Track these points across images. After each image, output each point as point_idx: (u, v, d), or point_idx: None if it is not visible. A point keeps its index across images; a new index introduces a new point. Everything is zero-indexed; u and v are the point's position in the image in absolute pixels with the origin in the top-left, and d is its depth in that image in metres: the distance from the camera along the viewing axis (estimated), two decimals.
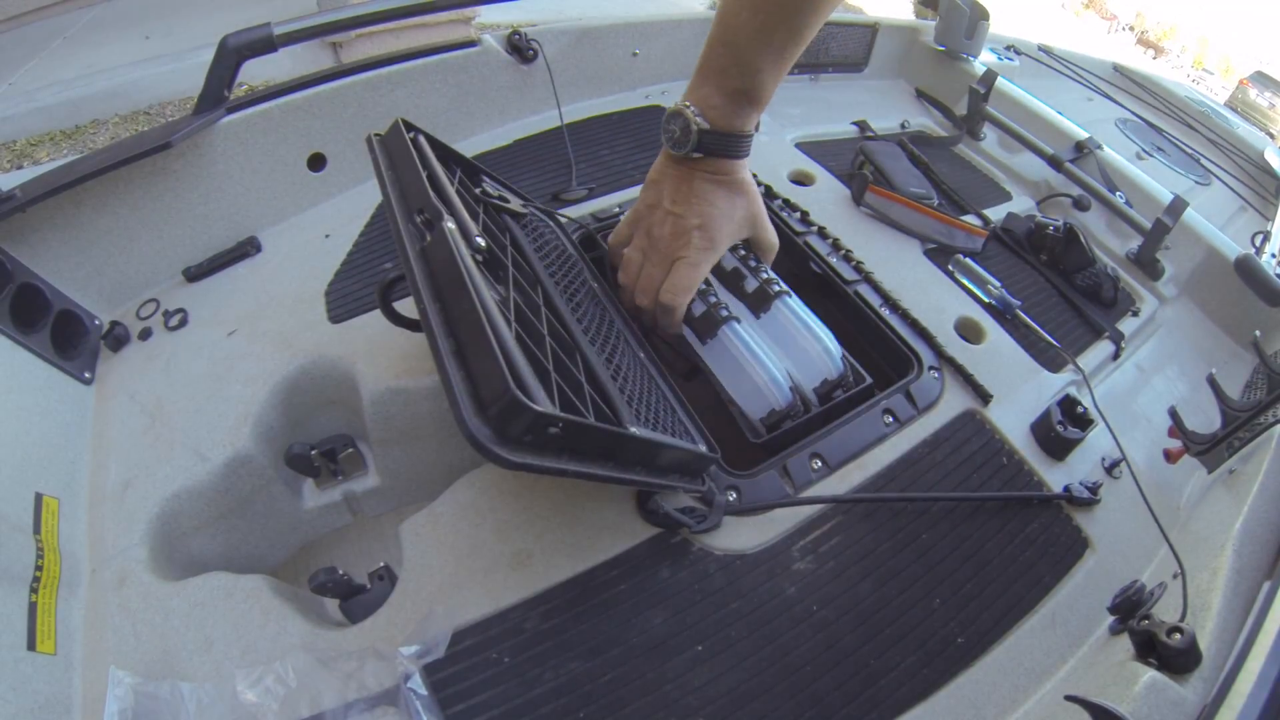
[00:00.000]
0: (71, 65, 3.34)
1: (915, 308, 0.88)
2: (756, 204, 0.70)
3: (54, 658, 0.55)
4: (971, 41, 1.47)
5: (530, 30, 1.14)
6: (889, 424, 0.75)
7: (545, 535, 0.63)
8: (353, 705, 0.52)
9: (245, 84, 2.70)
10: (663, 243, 0.67)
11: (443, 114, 1.09)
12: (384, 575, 0.63)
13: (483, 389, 0.41)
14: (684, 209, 0.66)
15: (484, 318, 0.43)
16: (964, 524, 0.69)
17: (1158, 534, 0.69)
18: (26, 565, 0.57)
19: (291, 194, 0.99)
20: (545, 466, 0.43)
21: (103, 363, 0.81)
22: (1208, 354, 1.05)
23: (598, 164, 1.08)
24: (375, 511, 0.86)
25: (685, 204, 0.66)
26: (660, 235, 0.68)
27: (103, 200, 0.84)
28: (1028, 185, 1.28)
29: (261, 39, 0.88)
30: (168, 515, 0.67)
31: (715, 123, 0.64)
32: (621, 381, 0.62)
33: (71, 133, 3.04)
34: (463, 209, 0.57)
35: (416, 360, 0.77)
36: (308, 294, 0.86)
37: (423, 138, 0.68)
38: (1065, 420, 0.76)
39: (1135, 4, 13.51)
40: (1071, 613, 0.65)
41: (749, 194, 0.69)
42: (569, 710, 0.53)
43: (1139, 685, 0.49)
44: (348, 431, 0.84)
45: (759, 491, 0.67)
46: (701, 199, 0.66)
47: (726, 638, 0.59)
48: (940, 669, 0.59)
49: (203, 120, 0.87)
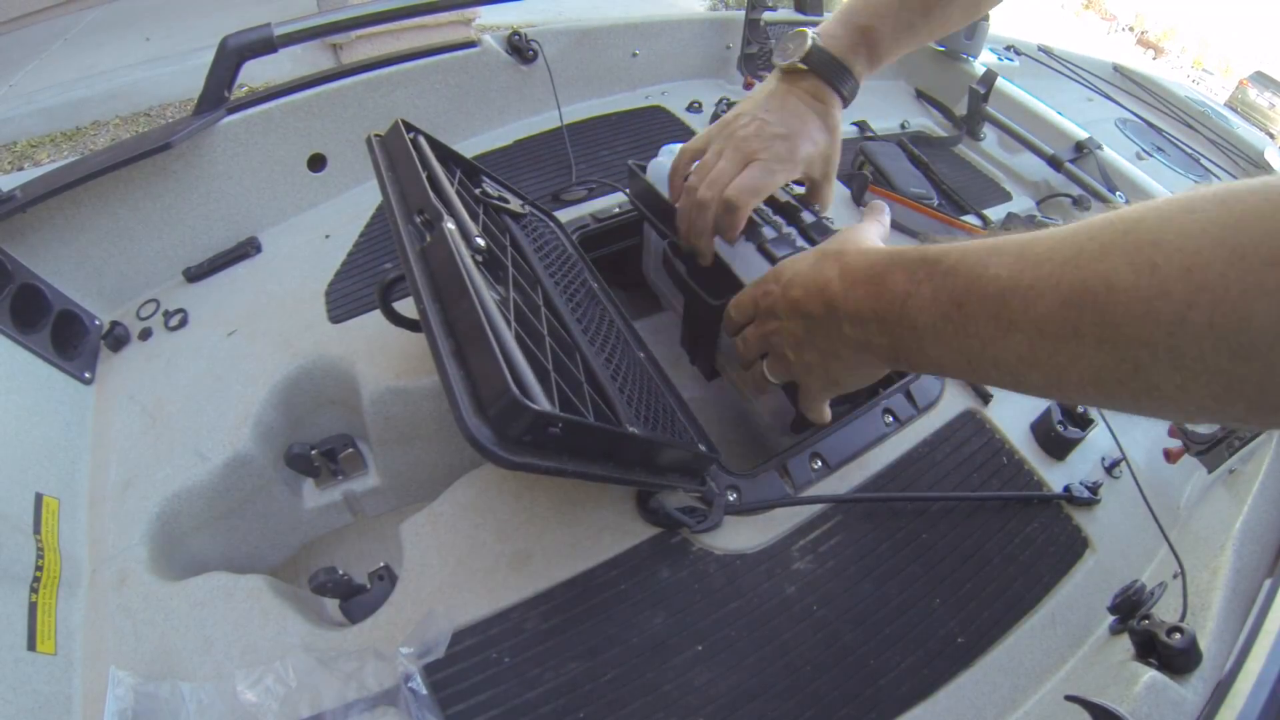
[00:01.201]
0: (72, 67, 3.34)
1: None
2: (837, 147, 0.69)
3: (54, 658, 0.55)
4: (971, 42, 1.47)
5: (530, 31, 1.14)
6: (889, 424, 0.75)
7: (545, 535, 0.63)
8: (353, 705, 0.52)
9: (245, 85, 2.70)
10: (744, 141, 0.64)
11: (443, 114, 1.09)
12: (384, 575, 0.63)
13: (482, 389, 0.41)
14: (774, 116, 0.65)
15: (484, 318, 0.43)
16: (964, 524, 0.68)
17: (1158, 534, 0.69)
18: (26, 565, 0.57)
19: (291, 194, 0.99)
20: (545, 466, 0.43)
21: (103, 363, 0.81)
22: None
23: (598, 164, 1.08)
24: (375, 511, 0.86)
25: (776, 112, 0.65)
26: (743, 134, 0.65)
27: (103, 201, 0.84)
28: (1028, 185, 1.28)
29: (261, 40, 0.88)
30: (168, 515, 0.67)
31: (830, 47, 0.64)
32: (621, 381, 0.62)
33: (72, 134, 3.04)
34: (462, 209, 0.58)
35: (416, 360, 0.77)
36: (308, 294, 0.86)
37: (423, 138, 0.68)
38: (1065, 420, 0.76)
39: (1135, 4, 13.51)
40: (1071, 613, 0.65)
41: (835, 134, 0.67)
42: (569, 710, 0.53)
43: (1139, 685, 0.49)
44: (348, 431, 0.84)
45: (759, 491, 0.67)
46: (793, 113, 0.65)
47: (726, 637, 0.58)
48: (940, 669, 0.59)
49: (203, 121, 0.87)
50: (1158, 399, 0.30)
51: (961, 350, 0.39)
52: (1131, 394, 0.31)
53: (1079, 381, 0.33)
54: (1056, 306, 0.32)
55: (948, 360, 0.41)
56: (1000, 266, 0.36)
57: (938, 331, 0.40)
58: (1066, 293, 0.32)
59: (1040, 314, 0.33)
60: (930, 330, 0.41)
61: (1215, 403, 0.28)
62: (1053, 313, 0.33)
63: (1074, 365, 0.33)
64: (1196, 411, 0.30)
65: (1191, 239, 0.28)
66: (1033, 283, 0.34)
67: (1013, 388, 0.39)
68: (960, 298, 0.38)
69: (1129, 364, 0.30)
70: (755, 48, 1.29)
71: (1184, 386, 0.29)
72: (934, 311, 0.40)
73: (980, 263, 0.38)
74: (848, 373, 0.53)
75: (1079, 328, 0.32)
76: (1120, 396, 0.32)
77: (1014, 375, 0.37)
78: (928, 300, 0.40)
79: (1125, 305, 0.29)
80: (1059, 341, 0.33)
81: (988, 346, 0.37)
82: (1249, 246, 0.26)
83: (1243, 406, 0.28)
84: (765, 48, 1.29)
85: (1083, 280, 0.31)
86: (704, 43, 1.32)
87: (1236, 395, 0.27)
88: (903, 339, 0.43)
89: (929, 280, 0.40)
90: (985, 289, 0.37)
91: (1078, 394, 0.34)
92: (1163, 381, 0.29)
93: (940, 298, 0.39)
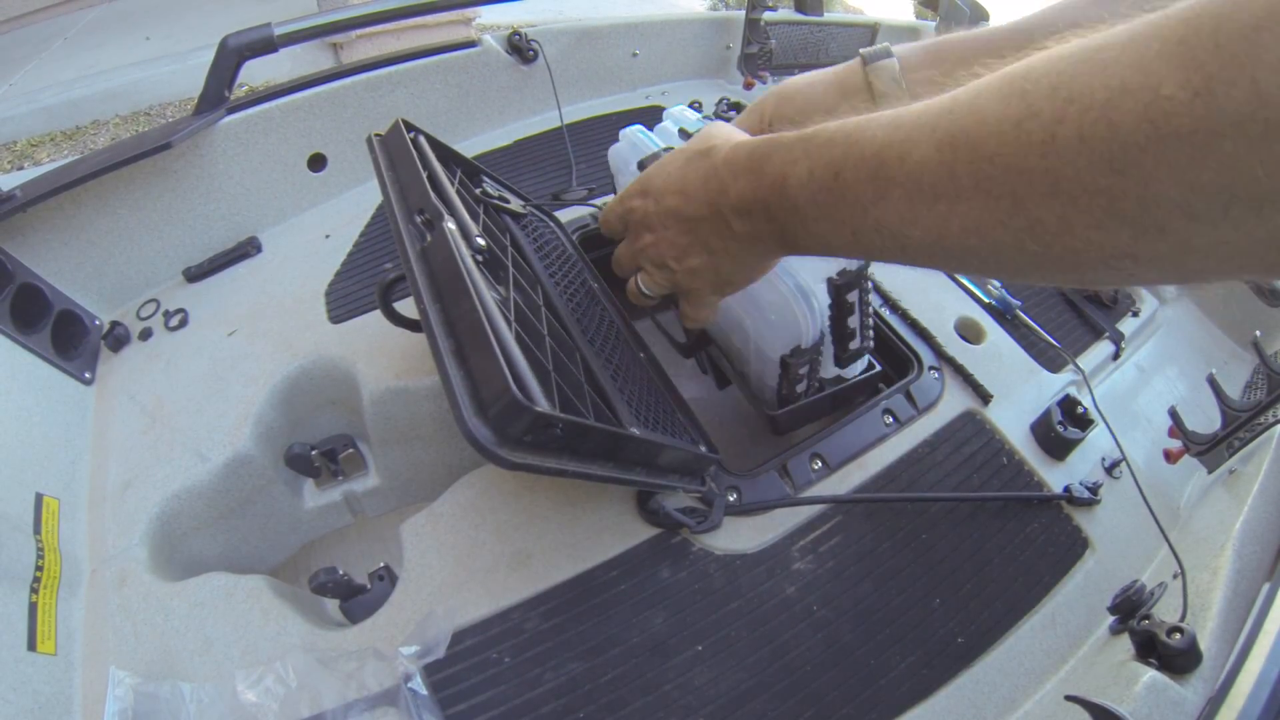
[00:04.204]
0: (72, 66, 3.34)
1: (915, 308, 0.88)
2: None
3: (54, 658, 0.55)
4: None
5: (530, 31, 1.14)
6: (889, 424, 0.75)
7: (545, 535, 0.63)
8: (353, 705, 0.52)
9: (245, 84, 2.70)
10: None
11: (443, 114, 1.09)
12: (384, 575, 0.63)
13: (483, 389, 0.41)
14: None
15: (484, 318, 0.43)
16: (964, 524, 0.68)
17: (1158, 534, 0.69)
18: (27, 565, 0.57)
19: (292, 194, 0.99)
20: (545, 467, 0.43)
21: (103, 363, 0.81)
22: (1208, 354, 1.05)
23: (598, 164, 1.07)
24: (375, 511, 0.86)
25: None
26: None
27: (103, 200, 0.84)
28: None
29: (262, 39, 0.88)
30: (168, 515, 0.67)
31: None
32: (621, 381, 0.62)
33: (72, 133, 3.04)
34: (463, 209, 0.58)
35: (416, 360, 0.77)
36: (308, 294, 0.86)
37: (423, 138, 0.68)
38: (1065, 420, 0.76)
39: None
40: (1071, 613, 0.65)
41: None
42: (569, 710, 0.53)
43: (1139, 685, 0.49)
44: (348, 431, 0.84)
45: (759, 491, 0.67)
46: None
47: (726, 638, 0.58)
48: (940, 669, 0.59)
49: (203, 121, 0.87)
50: (1041, 238, 0.29)
51: (844, 221, 0.39)
52: (1014, 237, 0.30)
53: (961, 231, 0.32)
54: (932, 152, 0.32)
55: (832, 235, 0.41)
56: (876, 128, 0.36)
57: (819, 206, 0.40)
58: (941, 137, 0.32)
59: (916, 164, 0.33)
60: (812, 206, 0.40)
61: (1099, 233, 0.28)
62: (928, 160, 0.32)
63: (953, 214, 0.32)
64: (1082, 249, 0.29)
65: (1057, 61, 0.28)
66: (908, 136, 0.34)
67: (898, 256, 0.38)
68: (838, 166, 0.38)
69: (1007, 200, 0.30)
70: (755, 47, 1.29)
71: (1065, 217, 0.28)
72: (813, 186, 0.39)
73: (856, 128, 0.37)
74: (738, 269, 0.51)
75: (954, 170, 0.31)
76: (1003, 244, 0.31)
77: (896, 238, 0.36)
78: (805, 176, 0.40)
79: (996, 135, 0.29)
80: (936, 189, 0.32)
81: (869, 210, 0.36)
82: (1111, 55, 0.26)
83: (1128, 234, 0.27)
84: (765, 47, 1.29)
85: (955, 122, 0.31)
86: (704, 43, 1.32)
87: (1118, 219, 0.27)
88: (788, 223, 0.43)
89: (805, 156, 0.40)
90: (862, 152, 0.36)
91: (961, 249, 0.33)
92: (1043, 214, 0.29)
93: (817, 171, 0.39)
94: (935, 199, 0.33)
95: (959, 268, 0.36)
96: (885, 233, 0.37)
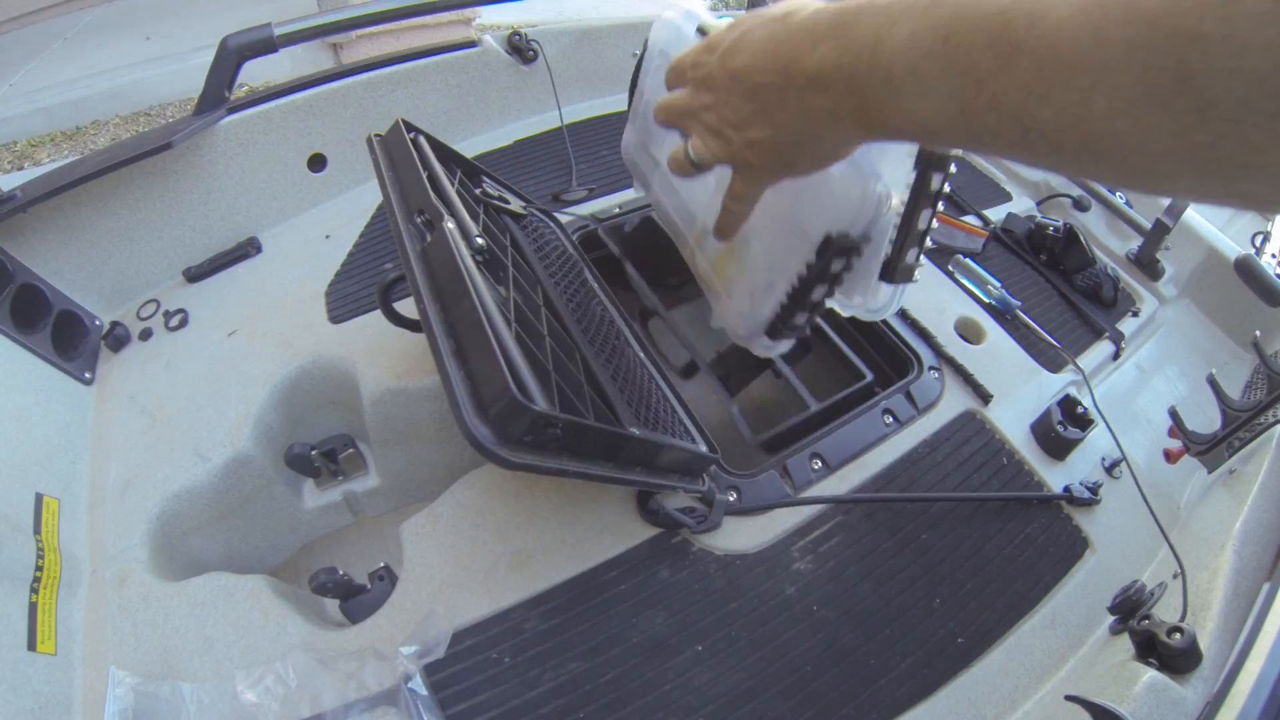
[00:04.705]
0: (72, 66, 3.34)
1: (915, 308, 0.88)
2: None
3: (54, 658, 0.55)
4: None
5: (530, 31, 1.14)
6: (889, 424, 0.75)
7: (545, 535, 0.63)
8: (353, 705, 0.52)
9: (246, 85, 2.70)
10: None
11: (443, 114, 1.09)
12: (384, 575, 0.63)
13: (483, 389, 0.41)
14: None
15: (484, 318, 0.43)
16: (964, 524, 0.68)
17: (1158, 534, 0.69)
18: (27, 565, 0.57)
19: (292, 194, 0.99)
20: (545, 467, 0.43)
21: (103, 363, 0.81)
22: (1208, 354, 1.05)
23: (598, 164, 1.08)
24: (375, 511, 0.86)
25: None
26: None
27: (103, 201, 0.84)
28: (1028, 185, 1.28)
29: (262, 40, 0.88)
30: (168, 515, 0.67)
31: None
32: (621, 381, 0.62)
33: (72, 134, 3.04)
34: (463, 209, 0.58)
35: (416, 360, 0.77)
36: (308, 294, 0.86)
37: (423, 138, 0.68)
38: (1065, 420, 0.76)
39: None
40: (1071, 613, 0.65)
41: None
42: (569, 710, 0.53)
43: (1139, 685, 0.49)
44: (348, 431, 0.84)
45: (759, 491, 0.67)
46: None
47: (726, 638, 0.58)
48: (940, 669, 0.59)
49: (203, 121, 0.87)
50: (1214, 125, 0.23)
51: (951, 95, 0.31)
52: (1175, 120, 0.24)
53: (1106, 113, 0.26)
54: (1075, 12, 0.26)
55: (933, 114, 0.33)
56: None
57: (919, 77, 0.32)
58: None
59: (1052, 26, 0.26)
60: (910, 78, 0.33)
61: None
62: (1069, 21, 0.26)
63: (1098, 89, 0.26)
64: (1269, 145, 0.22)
65: None
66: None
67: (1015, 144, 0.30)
68: (947, 28, 0.31)
69: (1170, 75, 0.23)
70: None
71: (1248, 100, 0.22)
72: (914, 52, 0.32)
73: None
74: (804, 151, 0.43)
75: (1102, 34, 0.25)
76: (1161, 131, 0.25)
77: (1019, 120, 0.29)
78: (904, 41, 0.32)
79: None
80: (1077, 58, 0.26)
81: (985, 83, 0.30)
82: None
83: None
84: None
85: None
86: None
87: None
88: (875, 98, 0.35)
89: (906, 17, 0.32)
90: (979, 10, 0.29)
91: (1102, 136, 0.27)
92: (1218, 95, 0.22)
93: (920, 34, 0.31)
94: (1075, 70, 0.26)
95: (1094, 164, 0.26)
96: (1005, 112, 0.29)
